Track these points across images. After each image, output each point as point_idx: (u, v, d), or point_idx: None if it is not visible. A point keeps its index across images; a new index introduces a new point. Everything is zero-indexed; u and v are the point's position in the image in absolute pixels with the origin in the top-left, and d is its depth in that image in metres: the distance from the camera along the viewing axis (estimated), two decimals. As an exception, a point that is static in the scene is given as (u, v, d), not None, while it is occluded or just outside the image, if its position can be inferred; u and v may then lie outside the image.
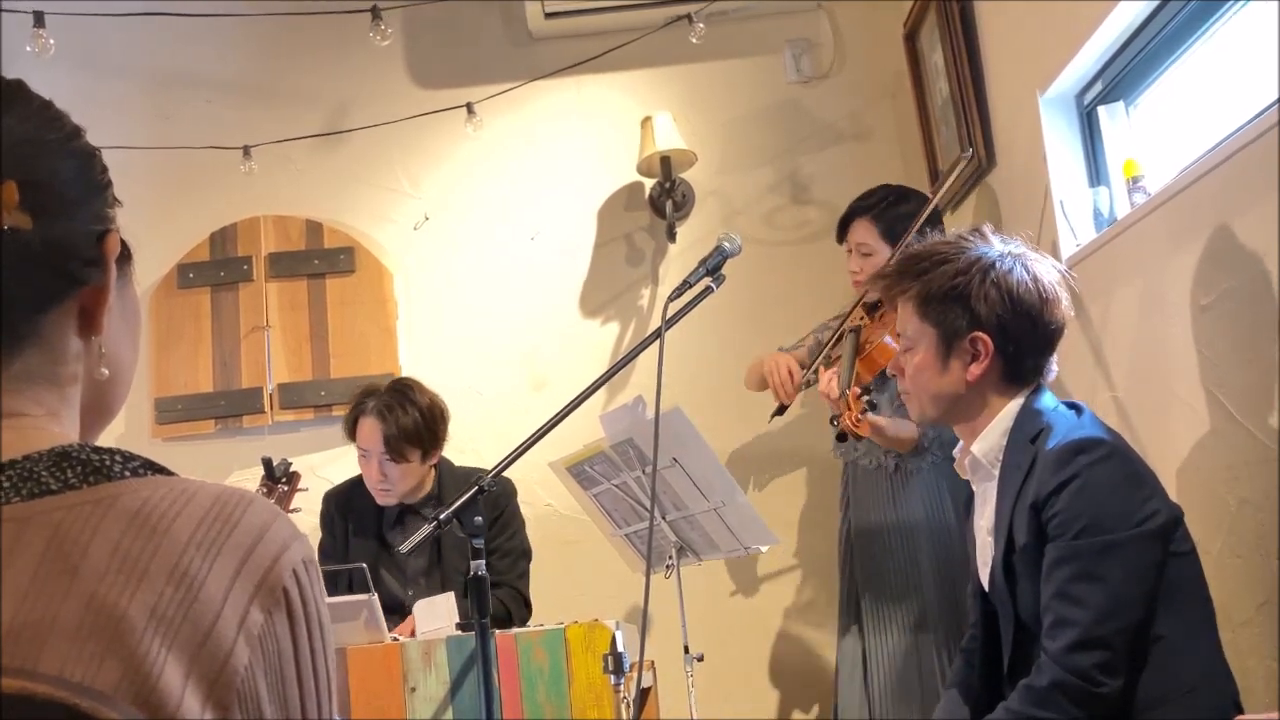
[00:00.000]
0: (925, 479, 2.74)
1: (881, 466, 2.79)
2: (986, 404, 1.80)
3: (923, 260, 1.82)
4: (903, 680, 2.68)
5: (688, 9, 3.46)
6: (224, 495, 0.70)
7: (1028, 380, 1.80)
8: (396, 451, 2.75)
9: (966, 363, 1.77)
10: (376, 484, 2.81)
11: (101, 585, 0.63)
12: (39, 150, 0.74)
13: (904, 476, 2.75)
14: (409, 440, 2.76)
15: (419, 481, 2.86)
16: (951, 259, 1.78)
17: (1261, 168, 1.77)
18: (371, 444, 2.77)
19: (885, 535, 2.76)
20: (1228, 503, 1.97)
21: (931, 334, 1.80)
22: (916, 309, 1.81)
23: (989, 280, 1.74)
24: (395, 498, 2.84)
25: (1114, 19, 2.26)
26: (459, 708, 2.18)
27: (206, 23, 3.62)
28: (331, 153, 3.75)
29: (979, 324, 1.75)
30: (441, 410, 2.86)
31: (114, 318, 0.80)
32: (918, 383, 1.84)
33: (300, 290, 3.67)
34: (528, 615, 2.84)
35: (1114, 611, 1.58)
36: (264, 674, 0.67)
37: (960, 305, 1.75)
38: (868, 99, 3.77)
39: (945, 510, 2.74)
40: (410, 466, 2.79)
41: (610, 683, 2.06)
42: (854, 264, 2.83)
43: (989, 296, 1.74)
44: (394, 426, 2.74)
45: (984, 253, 1.78)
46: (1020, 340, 1.76)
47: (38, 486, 0.67)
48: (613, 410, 2.41)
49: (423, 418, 2.78)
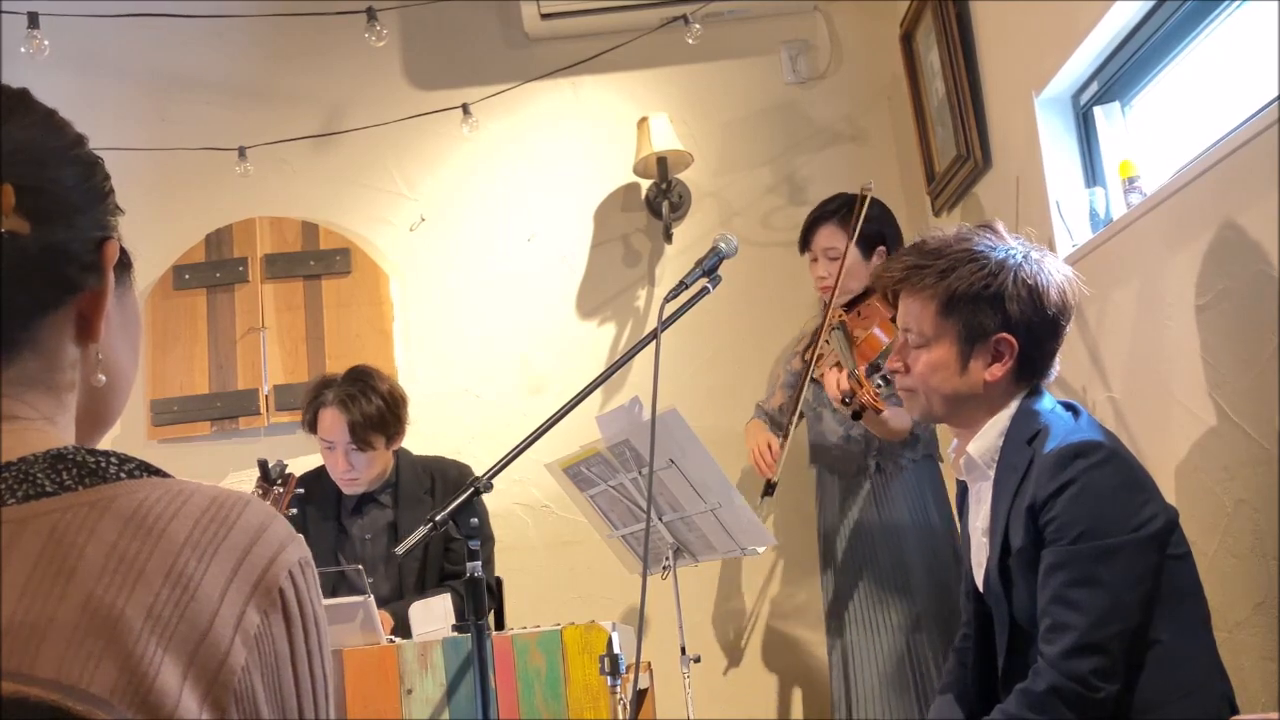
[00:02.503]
0: (906, 480, 2.80)
1: (863, 469, 2.82)
2: (995, 405, 1.78)
3: (943, 257, 1.77)
4: (894, 681, 2.70)
5: (684, 10, 3.46)
6: (220, 497, 0.70)
7: (1036, 377, 1.80)
8: (363, 440, 2.75)
9: (987, 363, 1.76)
10: (343, 474, 2.81)
11: (98, 586, 0.63)
12: (40, 157, 0.74)
13: (885, 478, 2.80)
14: (374, 428, 2.76)
15: (383, 468, 2.87)
16: (979, 258, 1.74)
17: (1258, 168, 1.77)
18: (335, 435, 2.77)
19: (870, 536, 2.79)
20: (1224, 503, 1.97)
21: (952, 333, 1.76)
22: (940, 307, 1.76)
23: (1019, 281, 1.72)
24: (362, 486, 2.85)
25: (1110, 19, 2.26)
26: (455, 709, 2.18)
27: (203, 24, 3.61)
28: (327, 154, 3.75)
29: (1009, 325, 1.73)
30: (401, 395, 2.86)
31: (112, 325, 0.80)
32: (928, 381, 1.80)
33: (296, 292, 3.67)
34: (493, 601, 2.88)
35: (1111, 616, 1.57)
36: (261, 675, 0.67)
37: (991, 306, 1.73)
38: (864, 100, 3.78)
39: (929, 510, 2.79)
40: (376, 454, 2.80)
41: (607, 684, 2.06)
42: (821, 269, 2.89)
43: (1020, 298, 1.72)
44: (358, 414, 2.74)
45: (1010, 253, 1.75)
46: (1042, 342, 1.75)
47: (34, 488, 0.67)
48: (609, 411, 2.40)
49: (385, 404, 2.78)
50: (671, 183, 3.62)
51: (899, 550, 2.76)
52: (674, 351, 3.53)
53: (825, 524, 2.92)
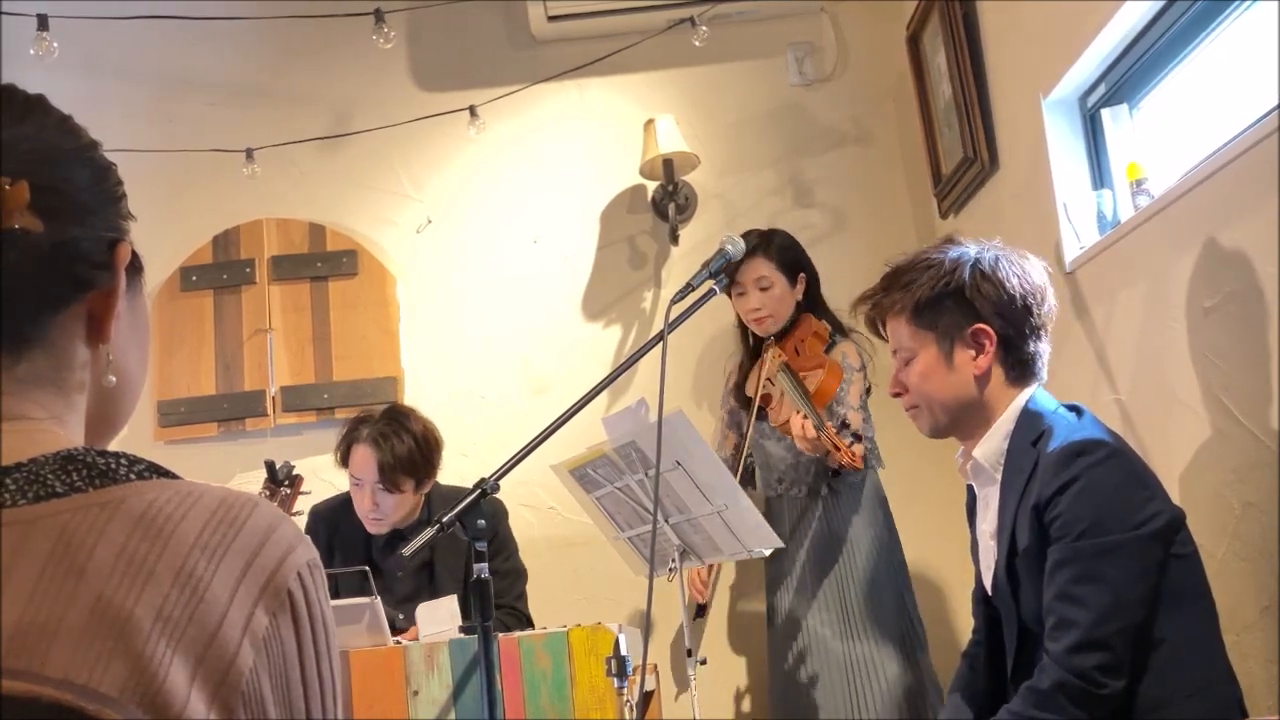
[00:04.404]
0: (855, 494, 2.93)
1: (814, 490, 2.94)
2: (994, 407, 1.81)
3: (905, 273, 1.86)
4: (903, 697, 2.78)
5: (690, 12, 3.47)
6: (229, 498, 0.70)
7: (1027, 374, 1.81)
8: (391, 481, 2.72)
9: (972, 356, 1.79)
10: (369, 513, 2.78)
11: (107, 587, 0.63)
12: (54, 157, 0.75)
13: (836, 496, 2.93)
14: (404, 469, 2.73)
15: (411, 509, 2.84)
16: (935, 264, 1.82)
17: (1266, 170, 1.77)
18: (365, 473, 2.74)
19: (829, 551, 2.91)
20: (1232, 506, 1.97)
21: (930, 337, 1.82)
22: (910, 319, 1.84)
23: (976, 273, 1.78)
24: (386, 527, 2.81)
25: (1117, 22, 2.26)
26: (462, 711, 2.18)
27: (210, 26, 3.62)
28: (334, 156, 3.76)
29: (978, 316, 1.78)
30: (436, 439, 2.83)
31: (123, 327, 0.81)
32: (925, 391, 1.84)
33: (303, 293, 3.67)
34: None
35: (1115, 612, 1.58)
36: (269, 676, 0.68)
37: (954, 301, 1.79)
38: (870, 102, 3.77)
39: (880, 520, 2.94)
40: (403, 496, 2.77)
41: (613, 686, 2.06)
42: (754, 301, 2.98)
43: (982, 289, 1.78)
44: (389, 455, 2.70)
45: (964, 252, 1.82)
46: (1018, 326, 1.79)
47: (44, 489, 0.67)
48: (615, 413, 2.40)
49: (418, 446, 2.75)
50: (677, 184, 3.62)
51: (856, 561, 2.88)
52: (680, 353, 3.53)
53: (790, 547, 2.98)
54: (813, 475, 2.93)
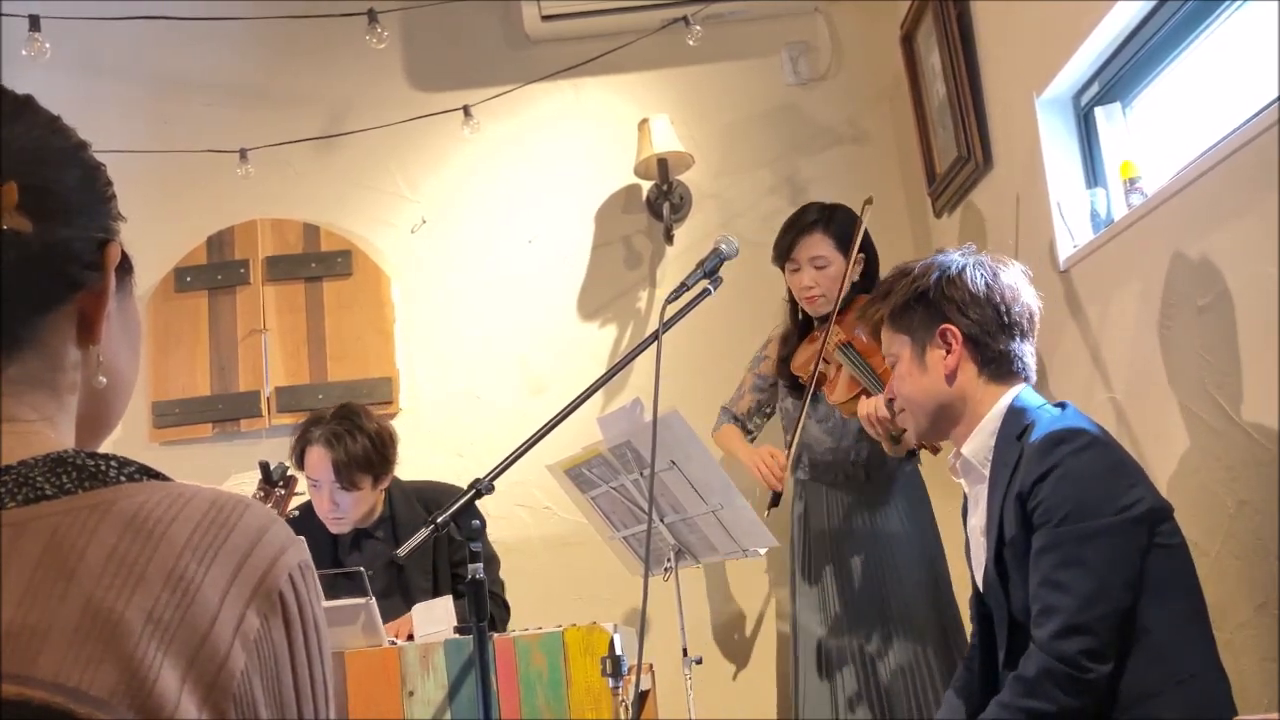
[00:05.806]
0: (890, 484, 2.84)
1: (851, 477, 2.86)
2: (971, 403, 1.85)
3: (887, 283, 1.97)
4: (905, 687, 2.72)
5: (685, 11, 3.46)
6: (220, 500, 0.70)
7: (1006, 372, 1.84)
8: (348, 480, 2.72)
9: (943, 356, 1.85)
10: (328, 513, 2.78)
11: (98, 589, 0.63)
12: (43, 157, 0.75)
13: (875, 486, 2.84)
14: (360, 467, 2.72)
15: (370, 507, 2.84)
16: (910, 272, 1.91)
17: (1259, 168, 1.77)
18: (321, 473, 2.74)
19: (870, 542, 2.82)
20: (1226, 504, 1.97)
21: (905, 341, 1.90)
22: (889, 325, 1.94)
23: (944, 278, 1.86)
24: (348, 525, 2.82)
25: (1110, 20, 2.26)
26: (457, 711, 2.18)
27: (204, 26, 3.62)
28: (329, 156, 3.75)
29: (944, 317, 1.85)
30: (390, 434, 2.83)
31: (113, 328, 0.80)
32: (905, 393, 1.92)
33: (297, 293, 3.67)
34: (507, 617, 2.88)
35: (1098, 597, 1.60)
36: (260, 678, 0.67)
37: (921, 305, 1.87)
38: (865, 101, 3.77)
39: (921, 514, 2.84)
40: (362, 494, 2.76)
41: (609, 686, 2.06)
42: (807, 279, 2.84)
43: (945, 292, 1.85)
44: (344, 454, 2.70)
45: (937, 260, 1.90)
46: (985, 325, 1.83)
47: (34, 492, 0.67)
48: (611, 413, 2.40)
49: (372, 444, 2.74)
50: (672, 184, 3.62)
51: (894, 554, 2.79)
52: (675, 353, 3.53)
53: (810, 531, 2.91)
54: (851, 461, 2.85)
